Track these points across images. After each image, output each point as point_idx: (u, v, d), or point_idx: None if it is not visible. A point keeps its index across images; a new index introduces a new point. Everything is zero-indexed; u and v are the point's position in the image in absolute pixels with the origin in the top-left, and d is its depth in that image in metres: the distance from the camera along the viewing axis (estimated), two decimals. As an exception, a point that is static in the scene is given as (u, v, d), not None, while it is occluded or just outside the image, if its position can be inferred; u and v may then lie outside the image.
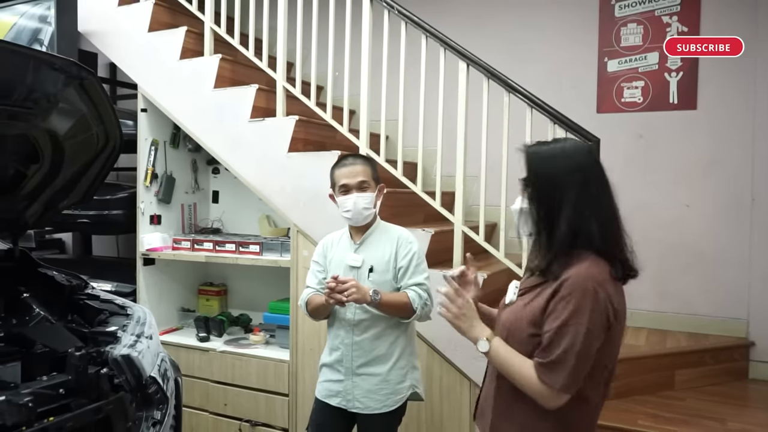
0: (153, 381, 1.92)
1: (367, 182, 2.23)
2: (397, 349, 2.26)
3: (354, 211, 2.21)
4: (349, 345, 2.23)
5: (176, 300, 4.05)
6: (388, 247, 2.25)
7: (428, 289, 2.23)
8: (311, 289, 2.33)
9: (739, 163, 3.42)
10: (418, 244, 2.30)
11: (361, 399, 2.22)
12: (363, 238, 2.29)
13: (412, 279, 2.21)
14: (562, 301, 1.38)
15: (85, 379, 1.80)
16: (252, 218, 4.08)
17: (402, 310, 2.18)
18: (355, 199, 2.20)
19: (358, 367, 2.23)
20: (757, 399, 3.03)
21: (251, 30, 3.47)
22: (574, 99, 3.68)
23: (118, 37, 3.80)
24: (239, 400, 3.42)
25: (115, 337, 1.99)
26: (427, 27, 2.92)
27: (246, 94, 3.37)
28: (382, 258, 2.24)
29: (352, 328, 2.23)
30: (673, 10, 3.51)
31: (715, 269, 3.48)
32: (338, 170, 2.27)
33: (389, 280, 2.23)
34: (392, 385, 2.23)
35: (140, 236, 3.75)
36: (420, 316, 2.20)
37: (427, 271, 2.28)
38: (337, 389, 2.26)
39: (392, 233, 2.29)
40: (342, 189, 2.23)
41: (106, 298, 2.36)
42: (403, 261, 2.23)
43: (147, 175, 3.76)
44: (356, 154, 2.32)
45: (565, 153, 1.49)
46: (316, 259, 2.37)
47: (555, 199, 1.44)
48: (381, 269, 2.23)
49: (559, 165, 1.47)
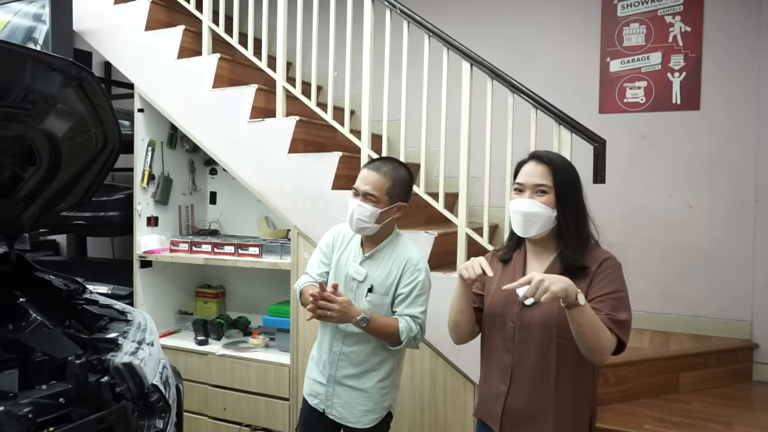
0: (155, 389, 1.87)
1: (375, 196, 2.06)
2: (385, 367, 2.16)
3: (350, 217, 2.10)
4: (337, 353, 2.16)
5: (173, 302, 4.00)
6: (394, 269, 2.11)
7: (423, 322, 2.11)
8: (309, 278, 2.23)
9: (743, 164, 3.39)
10: (427, 273, 2.15)
11: (338, 408, 2.16)
12: (373, 251, 2.15)
13: (408, 309, 2.09)
14: (610, 275, 1.62)
15: (85, 388, 1.76)
16: (250, 220, 4.04)
17: (388, 338, 2.07)
18: (355, 207, 2.08)
19: (342, 377, 2.15)
20: (762, 401, 3.01)
21: (250, 29, 3.42)
22: (576, 99, 3.66)
23: (114, 35, 3.74)
24: (239, 405, 3.37)
25: (116, 345, 1.94)
26: (430, 26, 2.88)
27: (245, 94, 3.32)
28: (385, 280, 2.11)
29: (342, 337, 2.15)
30: (675, 9, 3.48)
31: (718, 270, 3.45)
32: (362, 170, 2.14)
33: (387, 303, 2.12)
34: (371, 404, 2.14)
35: (137, 238, 3.70)
36: (405, 347, 2.10)
37: (426, 304, 2.14)
38: (318, 391, 2.21)
39: (403, 255, 2.13)
40: (353, 190, 2.12)
41: (105, 303, 2.31)
42: (404, 288, 2.10)
43: (144, 176, 3.71)
44: (387, 162, 2.14)
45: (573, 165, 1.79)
46: (323, 248, 2.26)
47: (580, 203, 1.71)
48: (381, 291, 2.11)
49: (575, 173, 1.74)
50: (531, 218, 1.67)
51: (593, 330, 1.51)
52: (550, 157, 1.72)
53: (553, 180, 1.67)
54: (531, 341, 1.67)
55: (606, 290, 1.61)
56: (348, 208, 2.11)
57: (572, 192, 1.69)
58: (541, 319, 1.65)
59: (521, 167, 1.75)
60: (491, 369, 1.79)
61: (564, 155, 2.24)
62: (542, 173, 1.68)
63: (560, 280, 1.44)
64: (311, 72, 3.31)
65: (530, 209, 1.66)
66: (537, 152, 1.76)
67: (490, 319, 1.78)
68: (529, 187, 1.69)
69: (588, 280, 1.64)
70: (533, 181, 1.68)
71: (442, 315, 2.76)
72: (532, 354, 1.67)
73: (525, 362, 1.68)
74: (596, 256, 1.68)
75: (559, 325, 1.61)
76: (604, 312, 1.57)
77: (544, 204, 1.66)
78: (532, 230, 1.68)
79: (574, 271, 1.63)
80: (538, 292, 1.43)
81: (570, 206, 1.67)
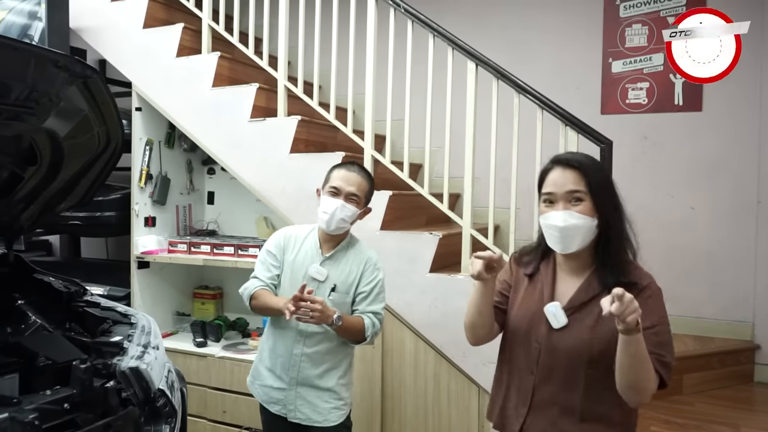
0: (161, 394, 1.83)
1: (357, 197, 2.12)
2: (344, 364, 2.20)
3: (331, 216, 2.09)
4: (298, 356, 2.14)
5: (171, 304, 3.95)
6: (355, 268, 2.17)
7: (382, 318, 2.18)
8: (259, 282, 2.18)
9: (745, 165, 3.40)
10: (384, 272, 2.22)
11: (304, 410, 2.14)
12: (334, 251, 2.18)
13: (370, 306, 2.15)
14: (652, 304, 1.45)
15: (90, 393, 1.71)
16: (248, 220, 3.99)
17: (354, 336, 2.12)
18: (338, 206, 2.08)
19: (305, 378, 2.14)
20: (765, 403, 3.02)
21: (251, 28, 3.38)
22: (578, 100, 3.64)
23: (111, 33, 3.69)
24: (238, 407, 3.33)
25: (121, 348, 1.89)
26: (435, 26, 2.86)
27: (246, 93, 3.28)
28: (347, 279, 2.15)
29: (303, 339, 2.14)
30: (678, 11, 3.49)
31: (720, 272, 3.46)
32: (338, 170, 2.16)
33: (348, 302, 2.16)
34: (337, 401, 2.17)
35: (135, 239, 3.64)
36: (367, 343, 2.16)
37: (384, 301, 2.21)
38: (278, 397, 2.18)
39: (362, 255, 2.20)
40: (332, 190, 2.12)
41: (107, 306, 2.26)
42: (366, 287, 2.15)
43: (142, 176, 3.66)
44: (362, 166, 2.23)
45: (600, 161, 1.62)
46: (272, 251, 2.21)
47: (620, 205, 1.51)
48: (343, 290, 2.15)
49: (607, 172, 1.61)
50: (570, 232, 1.46)
51: (642, 365, 1.35)
52: (578, 159, 1.51)
53: (587, 185, 1.46)
54: (557, 368, 1.51)
55: (647, 323, 1.38)
56: (325, 208, 2.11)
57: (610, 195, 1.49)
58: (570, 346, 1.48)
59: (546, 175, 1.54)
60: (511, 386, 1.63)
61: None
62: (574, 179, 1.47)
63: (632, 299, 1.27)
64: (313, 71, 3.27)
65: (568, 222, 1.46)
66: (560, 156, 1.55)
67: (514, 333, 1.62)
68: (561, 196, 1.48)
69: None
70: (566, 188, 1.48)
71: (448, 317, 2.77)
72: (558, 380, 1.51)
73: (549, 388, 1.52)
74: (639, 275, 1.48)
75: (591, 353, 1.45)
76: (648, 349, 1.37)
77: (582, 213, 1.45)
78: (573, 245, 1.48)
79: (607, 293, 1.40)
80: (628, 310, 1.25)
81: (611, 212, 1.47)
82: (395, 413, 2.97)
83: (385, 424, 2.99)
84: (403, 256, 2.87)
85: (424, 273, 2.84)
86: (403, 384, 2.94)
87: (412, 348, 2.91)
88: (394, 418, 2.97)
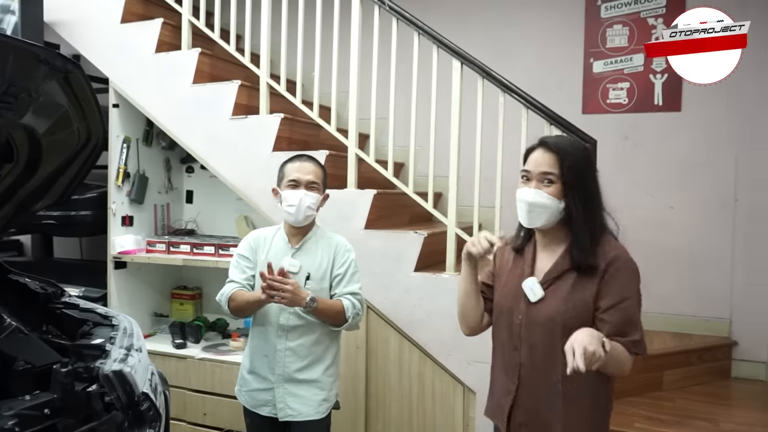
0: (145, 397, 1.78)
1: (317, 184, 2.19)
2: (330, 354, 2.23)
3: (298, 208, 2.14)
4: (282, 351, 2.16)
5: (148, 305, 3.88)
6: (326, 254, 2.21)
7: (362, 299, 2.22)
8: (236, 284, 2.21)
9: (723, 165, 3.46)
10: (355, 253, 2.27)
11: (294, 405, 2.16)
12: (302, 242, 2.22)
13: (348, 287, 2.19)
14: (620, 278, 1.55)
15: (72, 398, 1.66)
16: (228, 219, 3.94)
17: (334, 319, 2.15)
18: (302, 196, 2.14)
19: (290, 373, 2.16)
20: (743, 398, 3.07)
21: (233, 24, 3.33)
22: (560, 99, 3.63)
23: (87, 27, 3.60)
24: (219, 409, 3.28)
25: (103, 351, 1.84)
26: (420, 24, 2.85)
27: (227, 90, 3.23)
28: (320, 265, 2.19)
29: (285, 333, 2.16)
30: (658, 12, 3.53)
31: (698, 270, 3.51)
32: (291, 164, 2.22)
33: (325, 288, 2.19)
34: (325, 392, 2.20)
35: (111, 238, 3.56)
36: (350, 325, 2.18)
37: (361, 281, 2.25)
38: (266, 398, 2.18)
39: (331, 240, 2.25)
40: (291, 183, 2.17)
41: (87, 307, 2.20)
42: (340, 269, 2.20)
43: (119, 174, 3.58)
44: (310, 156, 2.28)
45: (586, 148, 1.75)
46: (244, 254, 2.25)
47: (592, 193, 1.60)
48: (318, 277, 2.18)
49: (589, 160, 1.65)
50: (536, 209, 1.60)
51: (616, 364, 1.50)
52: (559, 143, 1.62)
53: (560, 169, 1.57)
54: (537, 339, 1.62)
55: (613, 300, 1.54)
56: (291, 201, 2.15)
57: (582, 182, 1.58)
58: (547, 317, 1.59)
59: (530, 154, 1.66)
60: (500, 364, 1.75)
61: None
62: (549, 161, 1.59)
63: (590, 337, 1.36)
64: (296, 69, 3.24)
65: (535, 199, 1.59)
66: (546, 138, 1.67)
67: (499, 312, 1.73)
68: (535, 175, 1.60)
69: (597, 280, 1.56)
70: (540, 169, 1.60)
71: (432, 316, 2.76)
72: (540, 353, 1.62)
73: (533, 361, 1.63)
74: (606, 251, 1.57)
75: (564, 324, 1.55)
76: (614, 330, 1.52)
77: (551, 195, 1.58)
78: (538, 221, 1.61)
79: (583, 269, 1.58)
80: (591, 362, 1.32)
81: (580, 197, 1.57)
82: (379, 413, 2.95)
83: (369, 424, 2.97)
84: (388, 255, 2.85)
85: (409, 272, 2.82)
86: (388, 383, 2.92)
87: (396, 347, 2.90)
88: (378, 417, 2.95)
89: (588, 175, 1.61)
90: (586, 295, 1.57)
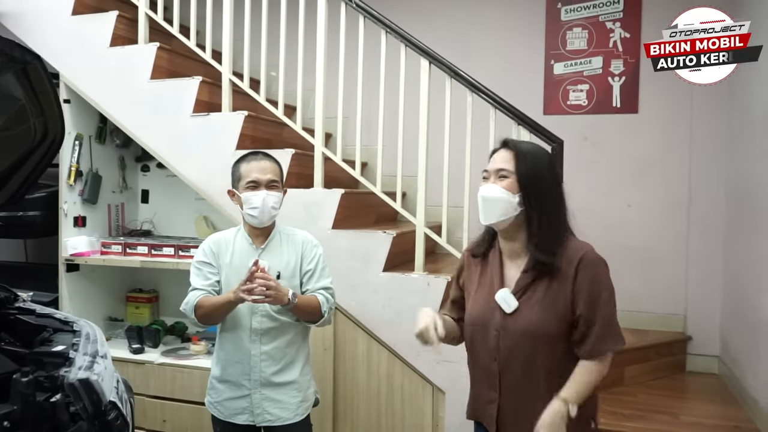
0: (113, 406, 1.69)
1: (277, 182, 2.12)
2: (302, 353, 2.19)
3: (261, 209, 2.05)
4: (257, 355, 2.08)
5: (102, 308, 3.74)
6: (293, 251, 2.15)
7: (333, 293, 2.18)
8: (201, 291, 2.09)
9: (677, 165, 3.57)
10: (322, 248, 2.21)
11: (272, 410, 2.09)
12: (266, 242, 2.14)
13: (319, 283, 2.14)
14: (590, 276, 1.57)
15: (34, 409, 1.56)
16: (186, 219, 3.82)
17: (311, 315, 2.10)
18: (264, 197, 2.05)
19: (267, 377, 2.09)
20: (699, 391, 3.17)
21: (192, 19, 3.24)
22: (521, 101, 3.62)
23: (36, 19, 3.43)
24: (180, 416, 3.18)
25: (66, 358, 1.74)
26: (388, 22, 2.83)
27: (188, 87, 3.14)
28: (288, 263, 2.13)
29: (258, 337, 2.08)
30: (615, 16, 3.62)
31: (655, 267, 3.62)
32: (247, 164, 2.12)
33: (296, 285, 2.13)
34: (303, 392, 2.15)
35: (63, 240, 3.41)
36: (325, 320, 2.14)
37: (331, 276, 2.20)
38: (243, 405, 2.10)
39: (296, 237, 2.19)
40: (251, 184, 2.07)
41: (44, 312, 2.08)
42: (310, 265, 2.15)
43: (71, 173, 3.43)
44: (265, 153, 2.20)
45: (548, 153, 1.72)
46: (205, 260, 2.14)
47: (554, 195, 1.62)
48: (288, 275, 2.12)
49: (548, 160, 1.67)
50: (490, 203, 1.60)
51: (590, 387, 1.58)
52: (517, 143, 1.66)
53: (515, 165, 1.60)
54: (515, 348, 1.61)
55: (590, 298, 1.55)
56: (253, 203, 2.06)
57: (537, 179, 1.60)
58: (523, 326, 1.59)
59: (492, 155, 1.68)
60: (479, 375, 1.73)
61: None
62: (506, 158, 1.62)
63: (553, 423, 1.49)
64: (260, 66, 3.16)
65: (489, 194, 1.60)
66: (506, 139, 1.69)
67: (472, 325, 1.71)
68: (492, 172, 1.63)
69: (570, 284, 1.56)
70: (496, 166, 1.63)
71: (401, 315, 2.75)
72: (519, 362, 1.61)
73: (512, 370, 1.62)
74: (573, 253, 1.58)
75: (541, 332, 1.57)
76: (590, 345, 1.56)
77: (504, 188, 1.59)
78: (492, 216, 1.61)
79: (547, 272, 1.58)
80: None
81: (535, 194, 1.59)
82: (347, 415, 2.92)
83: (336, 426, 2.93)
84: (356, 255, 2.82)
85: (378, 272, 2.80)
86: (356, 385, 2.89)
87: (364, 349, 2.87)
88: (346, 420, 2.92)
89: (544, 174, 1.62)
90: (561, 300, 1.57)
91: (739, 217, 3.25)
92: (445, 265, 3.06)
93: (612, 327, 1.57)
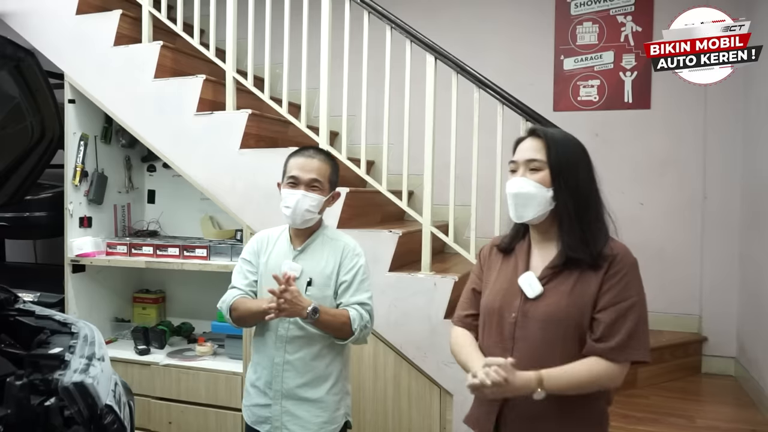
0: (109, 410, 1.66)
1: (320, 183, 1.93)
2: (334, 370, 1.99)
3: (294, 210, 1.91)
4: (280, 364, 1.94)
5: (109, 309, 3.72)
6: (331, 258, 1.97)
7: (371, 309, 1.97)
8: (239, 291, 2.00)
9: (691, 162, 3.49)
10: (365, 258, 2.02)
11: (291, 426, 1.93)
12: (305, 244, 1.99)
13: (355, 297, 1.94)
14: (622, 277, 1.44)
15: (28, 413, 1.53)
16: (192, 219, 3.80)
17: (339, 331, 1.91)
18: (299, 197, 1.90)
19: (290, 389, 1.94)
20: (715, 394, 3.10)
21: (196, 17, 3.21)
22: (531, 97, 3.58)
23: (40, 19, 3.41)
24: (186, 418, 3.15)
25: (62, 361, 1.71)
26: (393, 18, 2.78)
27: (192, 85, 3.10)
28: (323, 270, 1.96)
29: (284, 345, 1.94)
30: (627, 10, 3.54)
31: (668, 266, 3.54)
32: (294, 159, 1.98)
33: (329, 296, 1.95)
34: (328, 413, 1.96)
35: (69, 240, 3.39)
36: (357, 338, 1.93)
37: (371, 290, 2.00)
38: (265, 415, 1.96)
39: (338, 242, 2.00)
40: (290, 181, 1.94)
41: (44, 314, 2.06)
42: (347, 275, 1.96)
43: (76, 173, 3.41)
44: (319, 149, 2.03)
45: (579, 141, 1.54)
46: (247, 257, 2.05)
47: (583, 184, 1.49)
48: (321, 283, 1.95)
49: (581, 150, 1.53)
50: (523, 199, 1.48)
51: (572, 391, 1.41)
52: (547, 131, 1.52)
53: (547, 155, 1.47)
54: (533, 339, 1.47)
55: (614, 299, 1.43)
56: (287, 202, 1.92)
57: (572, 169, 1.47)
58: (546, 313, 1.46)
59: (518, 145, 1.55)
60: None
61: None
62: (536, 147, 1.49)
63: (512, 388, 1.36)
64: (264, 64, 3.13)
65: (521, 189, 1.48)
66: (534, 127, 1.57)
67: (487, 314, 1.57)
68: (521, 163, 1.50)
69: (600, 278, 1.44)
70: (525, 156, 1.49)
71: (408, 316, 2.70)
72: (534, 354, 1.46)
73: (525, 363, 1.43)
74: (608, 249, 1.46)
75: (565, 320, 1.44)
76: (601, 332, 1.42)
77: (538, 182, 1.46)
78: (527, 213, 1.49)
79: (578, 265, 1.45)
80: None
81: (569, 186, 1.46)
82: (354, 417, 2.86)
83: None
84: (362, 255, 2.77)
85: (384, 272, 2.75)
86: (362, 388, 2.84)
87: (371, 350, 2.82)
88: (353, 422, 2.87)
89: (578, 164, 1.49)
90: (589, 291, 1.44)
91: (755, 214, 3.16)
92: (453, 265, 3.00)
93: (638, 337, 1.43)
